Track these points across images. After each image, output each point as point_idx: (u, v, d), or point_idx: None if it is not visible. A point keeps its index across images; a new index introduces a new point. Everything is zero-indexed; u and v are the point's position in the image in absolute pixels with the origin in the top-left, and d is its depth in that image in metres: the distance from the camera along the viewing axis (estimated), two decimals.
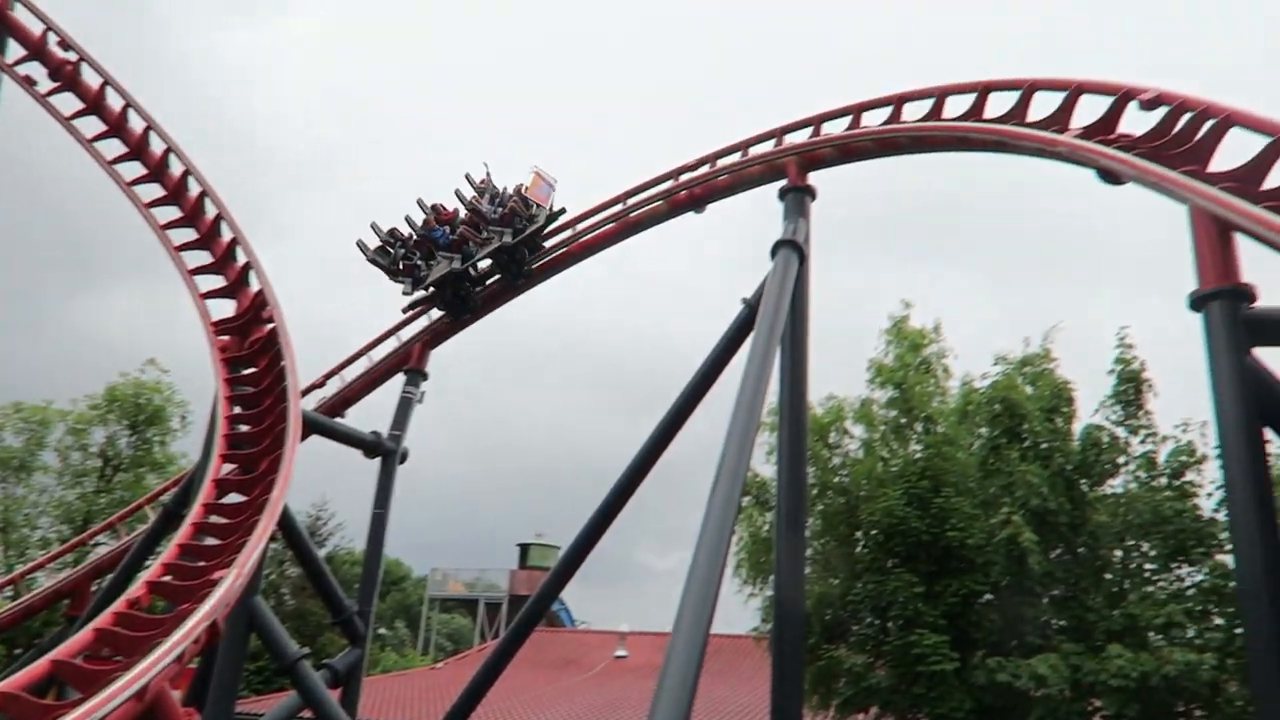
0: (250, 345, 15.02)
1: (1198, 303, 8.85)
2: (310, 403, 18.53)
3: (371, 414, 19.85)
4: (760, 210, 15.66)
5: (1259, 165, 8.70)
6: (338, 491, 43.05)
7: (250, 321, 15.37)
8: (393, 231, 18.84)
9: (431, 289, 18.48)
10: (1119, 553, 17.79)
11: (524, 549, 57.70)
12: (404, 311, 19.29)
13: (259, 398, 14.03)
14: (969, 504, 18.42)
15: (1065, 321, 20.58)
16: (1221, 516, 16.35)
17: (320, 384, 19.75)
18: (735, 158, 16.41)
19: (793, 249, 13.61)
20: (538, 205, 18.00)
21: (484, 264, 18.34)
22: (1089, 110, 11.29)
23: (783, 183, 14.93)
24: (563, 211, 18.38)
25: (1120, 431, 18.50)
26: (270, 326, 15.03)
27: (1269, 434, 8.56)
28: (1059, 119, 11.55)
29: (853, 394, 21.75)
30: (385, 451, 18.38)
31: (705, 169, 16.79)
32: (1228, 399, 8.45)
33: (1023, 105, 12.18)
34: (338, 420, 19.00)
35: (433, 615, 58.71)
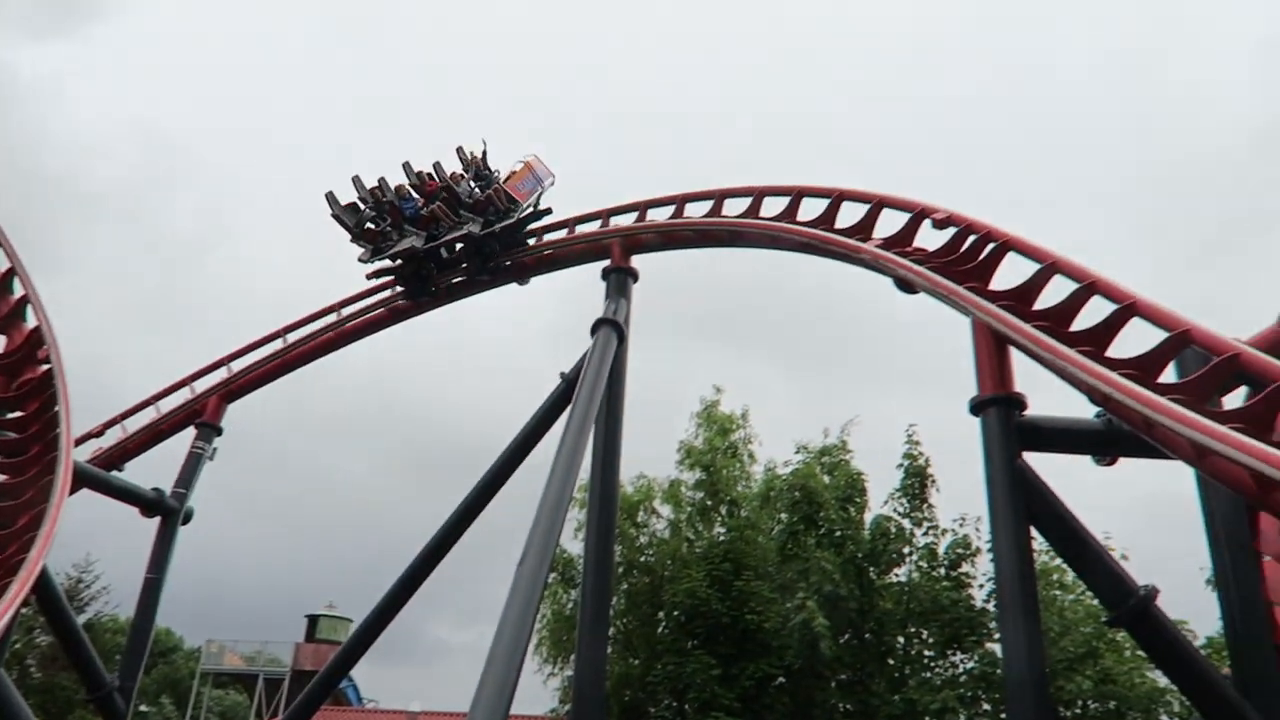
0: (19, 387, 13.67)
1: (976, 408, 9.62)
2: (84, 453, 16.97)
3: (153, 469, 18.38)
4: (584, 287, 15.92)
5: (1031, 287, 9.66)
6: (106, 551, 39.32)
7: (22, 360, 14.01)
8: (374, 191, 17.07)
9: (393, 261, 16.89)
10: (901, 639, 18.75)
11: (312, 620, 54.30)
12: (367, 278, 17.68)
13: (25, 444, 12.73)
14: (767, 588, 19.00)
15: (861, 416, 21.90)
16: (991, 607, 17.58)
17: (98, 433, 18.17)
18: (561, 234, 16.68)
19: (613, 328, 13.85)
20: (515, 200, 16.40)
21: (456, 247, 16.85)
22: (890, 222, 12.24)
23: (606, 263, 15.25)
24: (547, 211, 16.88)
25: (906, 523, 19.69)
26: (46, 368, 13.75)
27: (1034, 532, 9.34)
28: (863, 228, 12.44)
29: (662, 474, 22.17)
30: (166, 510, 16.94)
31: (531, 241, 16.94)
32: (1000, 497, 9.17)
33: (831, 212, 13.06)
34: (115, 474, 17.45)
35: (205, 691, 54.05)
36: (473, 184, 16.79)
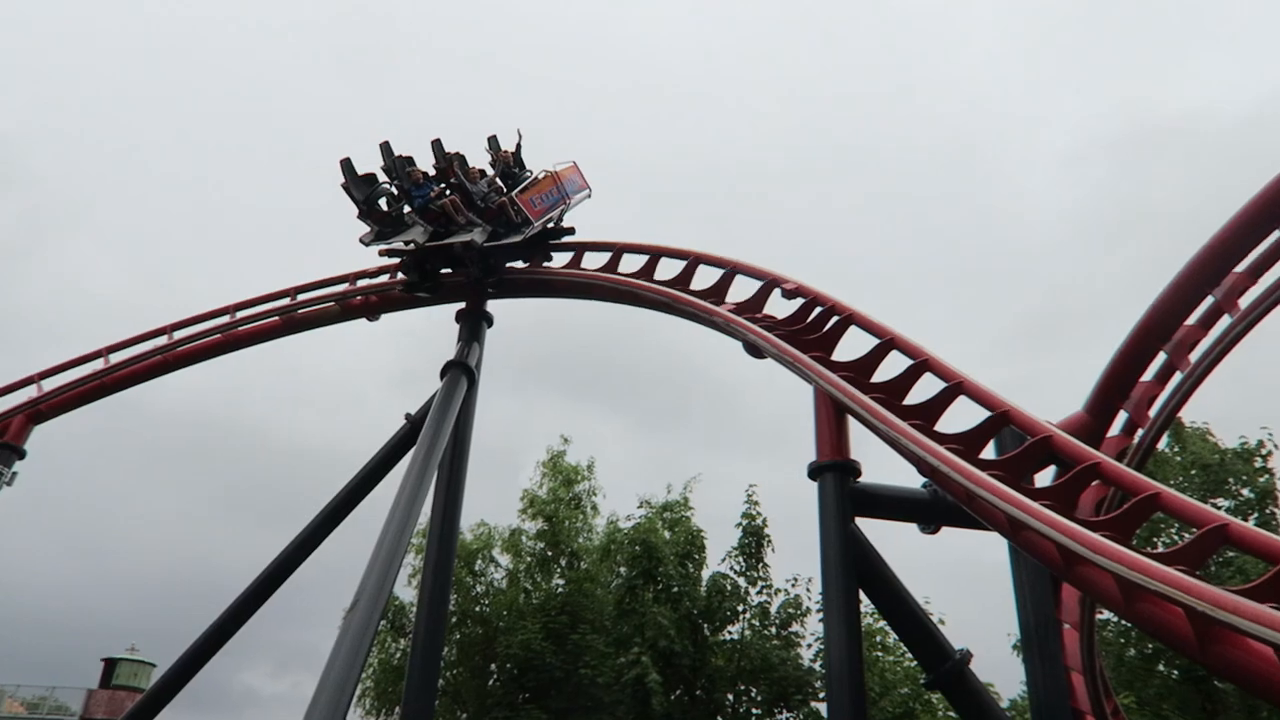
0: None
1: (814, 472, 9.98)
2: None
3: None
4: (435, 327, 15.64)
5: (870, 360, 10.18)
6: None
7: None
8: (400, 162, 15.03)
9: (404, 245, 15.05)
10: (731, 696, 19.00)
11: (110, 664, 50.11)
12: (380, 254, 15.64)
13: None
14: (603, 642, 18.91)
15: (704, 474, 22.35)
16: (818, 667, 18.07)
17: None
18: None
19: (463, 371, 13.66)
20: (527, 215, 14.38)
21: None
22: (743, 288, 12.66)
23: (461, 305, 15.06)
24: (569, 231, 15.19)
25: (742, 581, 20.09)
26: None
27: (863, 595, 9.71)
28: (718, 291, 12.81)
29: (504, 522, 21.85)
30: None
31: (384, 278, 16.54)
32: (832, 560, 9.50)
33: (687, 273, 13.39)
34: None
35: None
36: (495, 183, 15.04)
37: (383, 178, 15.22)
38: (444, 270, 15.13)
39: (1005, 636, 19.62)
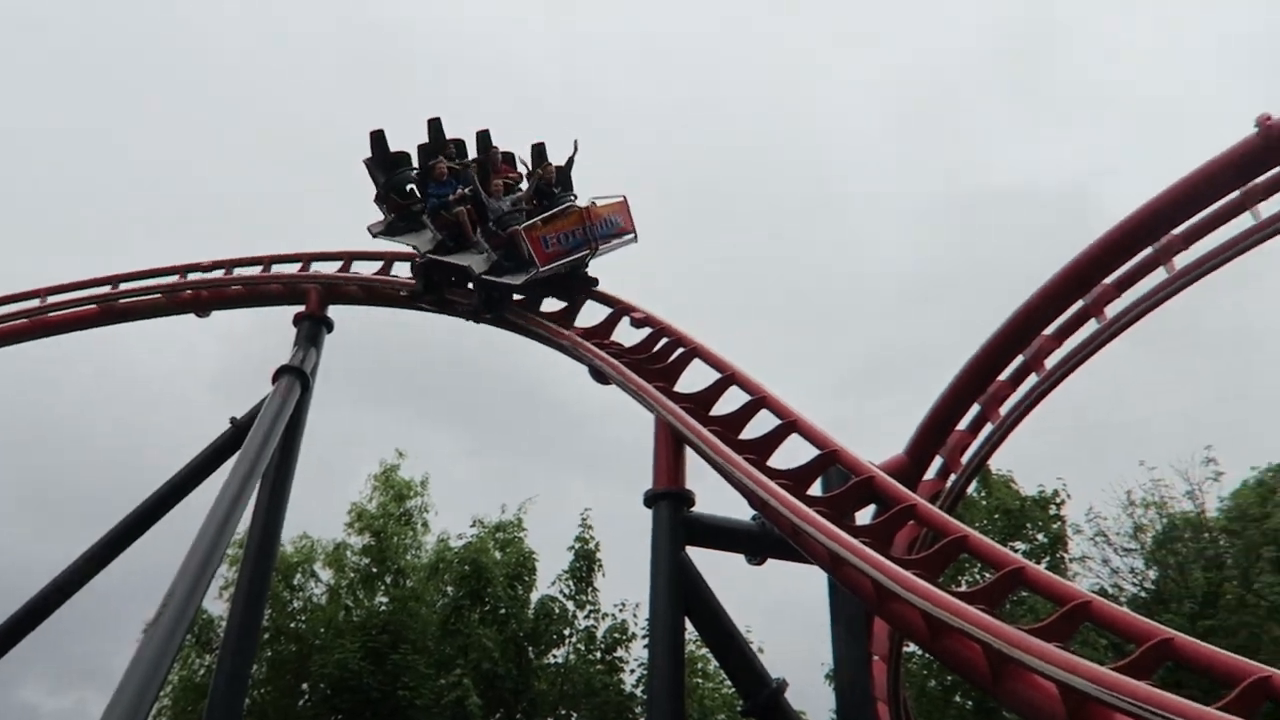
0: None
1: (650, 500, 10.15)
2: None
3: None
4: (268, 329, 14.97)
5: (711, 394, 10.46)
6: None
7: None
8: (441, 146, 13.07)
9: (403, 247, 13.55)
10: None
11: None
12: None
13: None
14: (425, 663, 18.46)
15: (541, 495, 22.21)
16: (640, 693, 18.24)
17: None
18: (255, 270, 15.66)
19: (297, 376, 13.15)
20: (534, 257, 11.79)
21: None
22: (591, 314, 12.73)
23: (300, 309, 14.51)
24: (592, 282, 12.56)
25: (570, 605, 20.09)
26: None
27: (688, 622, 9.91)
28: (567, 316, 12.82)
29: (328, 535, 21.05)
30: None
31: (219, 273, 15.73)
32: (661, 587, 9.67)
33: None
34: None
35: None
36: (522, 203, 12.54)
37: (418, 162, 13.22)
38: (453, 286, 13.06)
39: (820, 666, 20.42)
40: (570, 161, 12.78)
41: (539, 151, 13.18)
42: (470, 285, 12.68)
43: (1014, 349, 11.12)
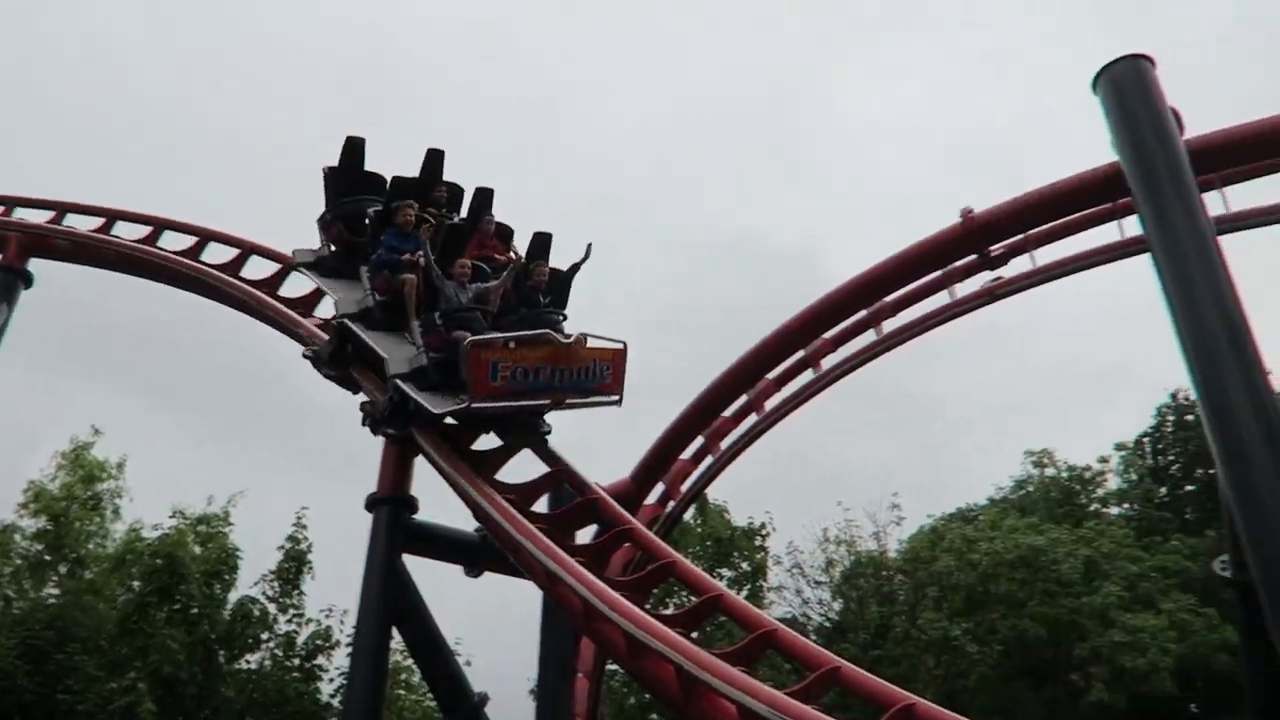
0: None
1: (370, 504, 9.80)
2: None
3: None
4: None
5: None
6: None
7: None
8: (429, 186, 10.34)
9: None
10: None
11: None
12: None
13: None
14: (95, 664, 16.72)
15: (254, 490, 20.86)
16: (337, 703, 17.52)
17: None
18: None
19: None
20: (471, 384, 8.51)
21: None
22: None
23: None
24: (540, 437, 9.32)
25: (272, 608, 18.96)
26: None
27: (396, 631, 9.67)
28: (309, 303, 12.19)
29: None
30: None
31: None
32: (372, 593, 9.34)
33: (278, 278, 12.61)
34: None
35: None
36: (492, 296, 9.49)
37: (389, 196, 10.19)
38: (365, 369, 9.97)
39: (527, 681, 20.54)
40: (575, 269, 10.07)
41: (541, 244, 10.28)
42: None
43: (740, 388, 11.97)
